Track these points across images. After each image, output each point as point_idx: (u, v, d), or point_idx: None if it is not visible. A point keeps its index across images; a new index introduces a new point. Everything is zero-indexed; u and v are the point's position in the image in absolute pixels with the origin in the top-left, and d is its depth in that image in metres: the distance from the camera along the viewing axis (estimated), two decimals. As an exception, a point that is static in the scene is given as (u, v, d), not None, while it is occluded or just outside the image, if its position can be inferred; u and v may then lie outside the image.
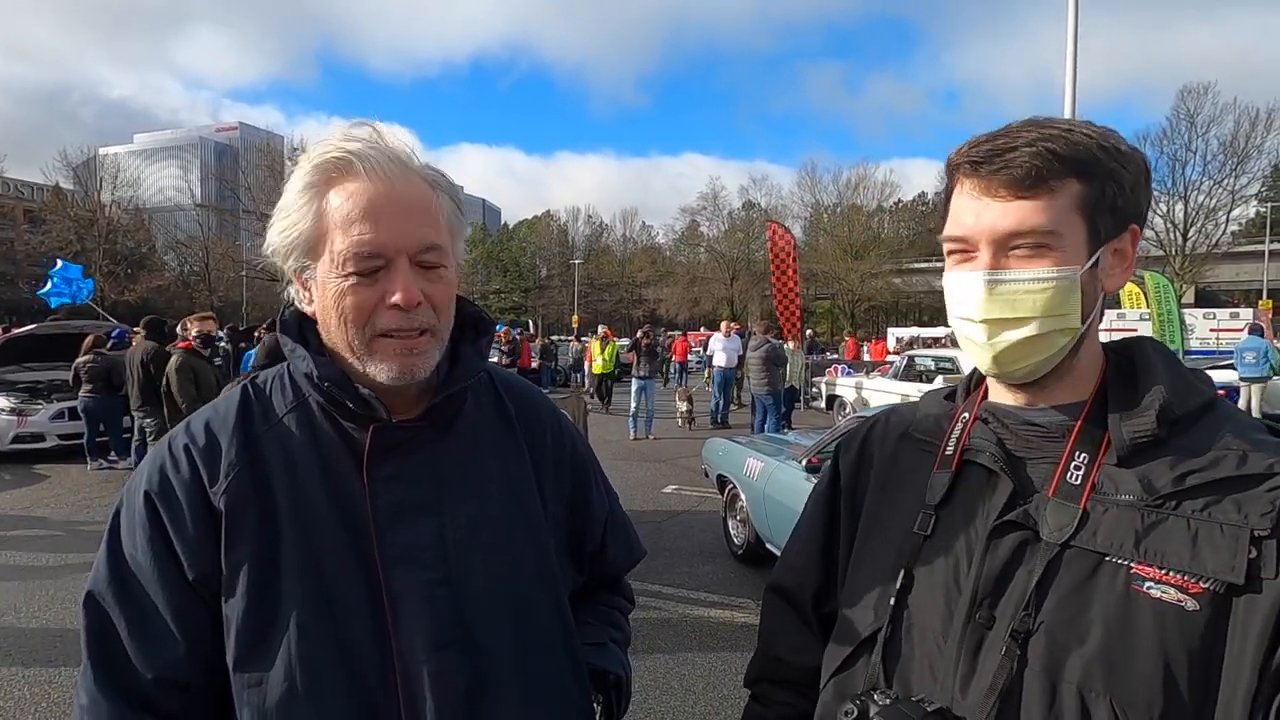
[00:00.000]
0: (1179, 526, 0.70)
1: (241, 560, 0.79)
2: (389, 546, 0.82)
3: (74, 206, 40.59)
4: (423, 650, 0.80)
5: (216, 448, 0.83)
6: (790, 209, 51.90)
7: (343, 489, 0.83)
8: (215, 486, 0.81)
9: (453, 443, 0.89)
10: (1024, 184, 0.73)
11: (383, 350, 0.81)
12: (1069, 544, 0.73)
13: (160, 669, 0.79)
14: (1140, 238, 0.78)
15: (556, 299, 58.41)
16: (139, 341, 7.94)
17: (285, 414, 0.86)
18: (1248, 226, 43.90)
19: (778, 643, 1.00)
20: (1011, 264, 0.75)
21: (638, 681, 3.61)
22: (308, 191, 0.80)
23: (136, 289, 39.18)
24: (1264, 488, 0.68)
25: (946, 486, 0.83)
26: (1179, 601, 0.67)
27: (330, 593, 0.80)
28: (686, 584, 4.91)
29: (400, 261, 0.79)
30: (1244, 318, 21.88)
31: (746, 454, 5.34)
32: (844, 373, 14.41)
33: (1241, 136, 36.73)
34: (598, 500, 1.06)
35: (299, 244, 0.82)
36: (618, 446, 10.60)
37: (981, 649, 0.75)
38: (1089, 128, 0.75)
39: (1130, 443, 0.74)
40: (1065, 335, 0.76)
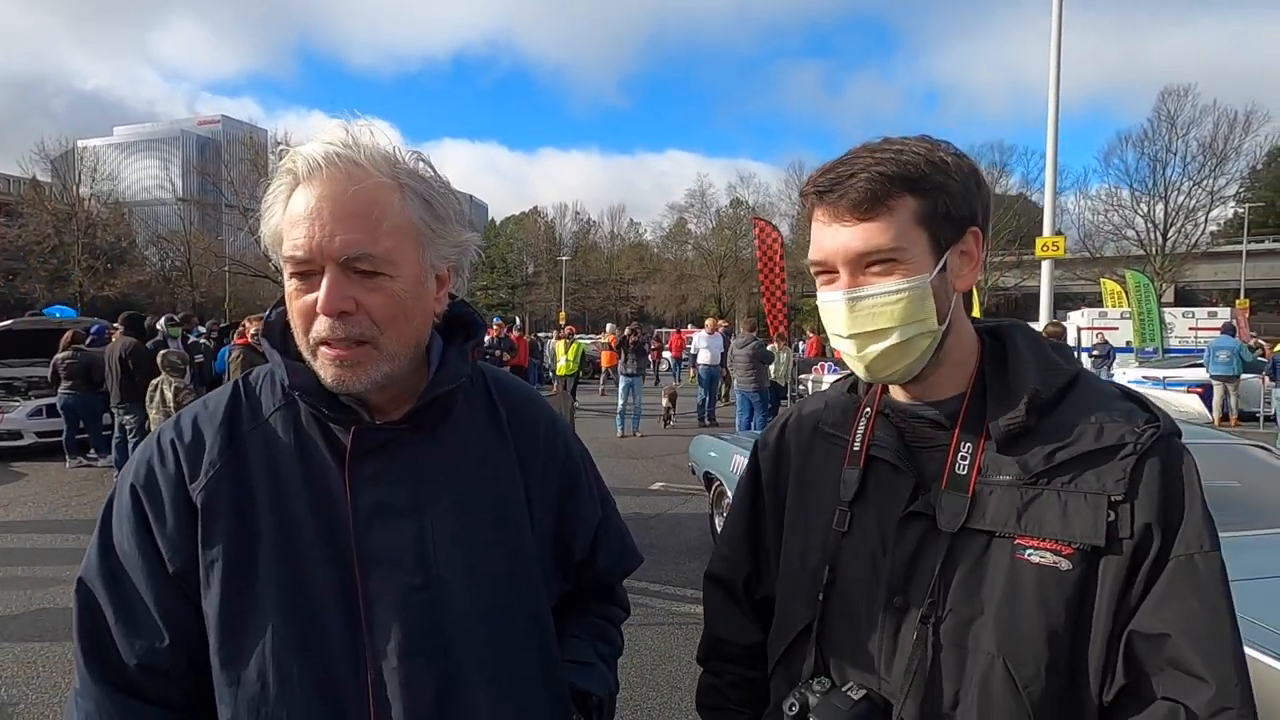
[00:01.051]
0: (1051, 499, 0.79)
1: (217, 557, 0.79)
2: (367, 548, 0.81)
3: (52, 200, 39.88)
4: (395, 655, 0.80)
5: (201, 444, 0.84)
6: (778, 207, 52.02)
7: (324, 489, 0.82)
8: (195, 483, 0.81)
9: (437, 446, 0.88)
10: (863, 208, 0.80)
11: (321, 358, 0.79)
12: (963, 528, 0.82)
13: (143, 656, 0.80)
14: (983, 238, 0.85)
15: (544, 296, 58.23)
16: (118, 337, 7.82)
17: (273, 413, 0.86)
18: (1226, 227, 44.64)
19: (718, 626, 1.10)
20: (867, 281, 0.82)
21: (624, 677, 3.62)
22: (278, 193, 0.80)
23: (116, 284, 38.56)
24: (1118, 457, 0.79)
25: (857, 483, 0.91)
26: (1055, 564, 0.78)
27: (306, 593, 0.80)
28: (673, 581, 4.93)
29: (330, 267, 0.77)
30: (1222, 316, 22.23)
31: (734, 451, 5.36)
32: (830, 370, 14.50)
33: (1220, 138, 37.27)
34: (588, 508, 1.04)
35: (273, 243, 0.82)
36: (605, 444, 10.59)
37: (900, 630, 0.84)
38: (918, 144, 0.82)
39: (1005, 432, 0.82)
40: (927, 338, 0.83)
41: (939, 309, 0.82)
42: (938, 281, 0.82)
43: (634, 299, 57.33)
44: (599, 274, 58.64)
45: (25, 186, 40.89)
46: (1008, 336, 0.91)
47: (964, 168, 0.83)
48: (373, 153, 0.79)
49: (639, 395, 11.71)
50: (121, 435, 7.69)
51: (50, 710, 3.25)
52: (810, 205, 0.85)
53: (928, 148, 0.82)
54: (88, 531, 0.86)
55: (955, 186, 0.81)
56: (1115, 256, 37.94)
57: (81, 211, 39.66)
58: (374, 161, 0.79)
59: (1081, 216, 40.85)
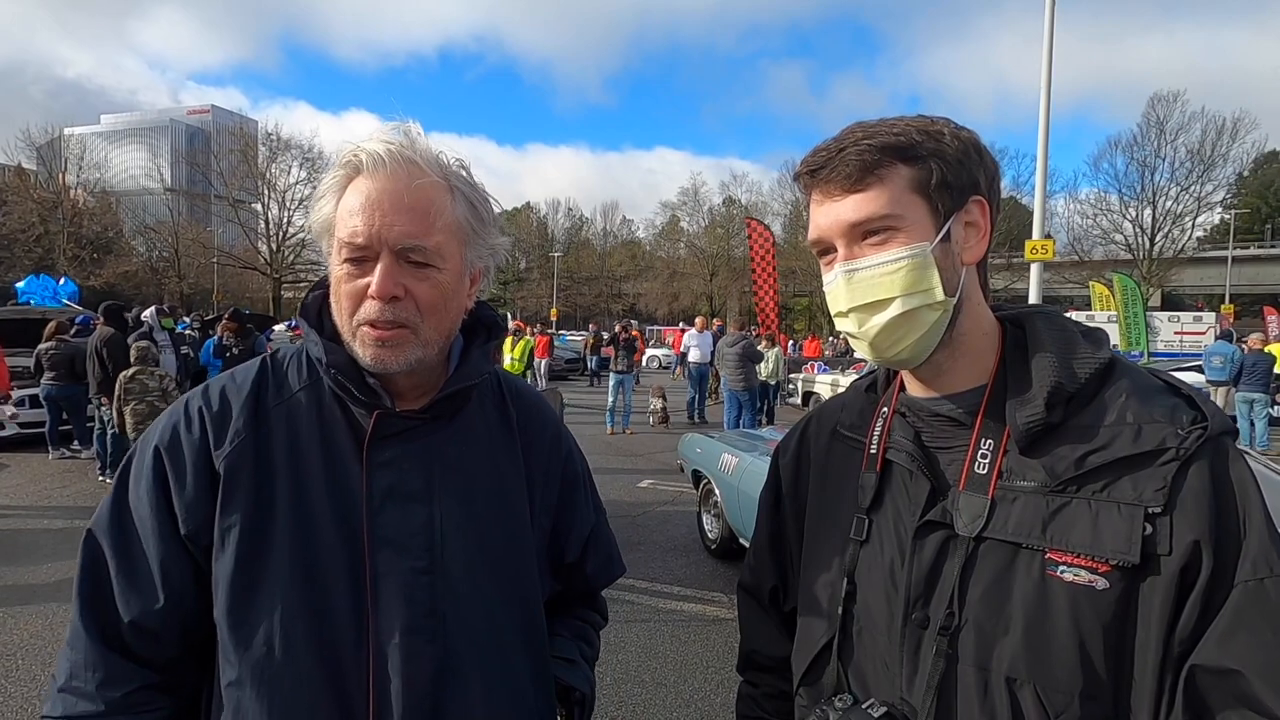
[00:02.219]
0: (1082, 509, 0.71)
1: (234, 523, 0.83)
2: (378, 529, 0.85)
3: (37, 188, 39.40)
4: (397, 632, 0.83)
5: (228, 413, 0.87)
6: (770, 206, 52.12)
7: (341, 469, 0.86)
8: (219, 450, 0.85)
9: (451, 438, 0.92)
10: (854, 179, 0.77)
11: (362, 338, 0.84)
12: (984, 536, 0.76)
13: (138, 614, 0.83)
14: (989, 209, 0.80)
15: (535, 292, 58.03)
16: (99, 328, 7.74)
17: (297, 391, 0.90)
18: (1213, 232, 45.11)
19: (751, 638, 1.06)
20: (864, 252, 0.78)
21: (609, 674, 3.65)
22: (333, 185, 0.86)
23: (103, 274, 38.15)
24: (1158, 463, 0.70)
25: (875, 488, 0.85)
26: (1090, 582, 0.70)
27: (316, 565, 0.83)
28: (661, 578, 4.93)
29: (384, 255, 0.82)
30: (1207, 321, 22.51)
31: (722, 449, 5.36)
32: (820, 370, 14.55)
33: (1208, 145, 37.63)
34: (583, 514, 1.09)
35: (322, 231, 0.87)
36: (594, 441, 10.58)
37: (921, 648, 0.78)
38: (912, 118, 0.79)
39: (1025, 432, 0.75)
40: (934, 310, 0.77)
41: (945, 281, 0.77)
42: (940, 251, 0.77)
43: (626, 296, 57.29)
44: (591, 271, 58.57)
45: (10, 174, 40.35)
46: (1028, 322, 0.83)
47: (961, 136, 0.79)
48: (428, 154, 0.86)
49: (629, 393, 11.71)
50: (102, 427, 7.60)
51: (26, 705, 3.22)
52: (805, 187, 0.82)
53: (920, 119, 0.79)
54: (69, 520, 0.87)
55: (951, 154, 0.77)
56: (1104, 260, 38.25)
57: (67, 200, 39.23)
58: (429, 163, 0.86)
59: (1070, 220, 41.18)
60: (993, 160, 0.81)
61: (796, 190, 3.83)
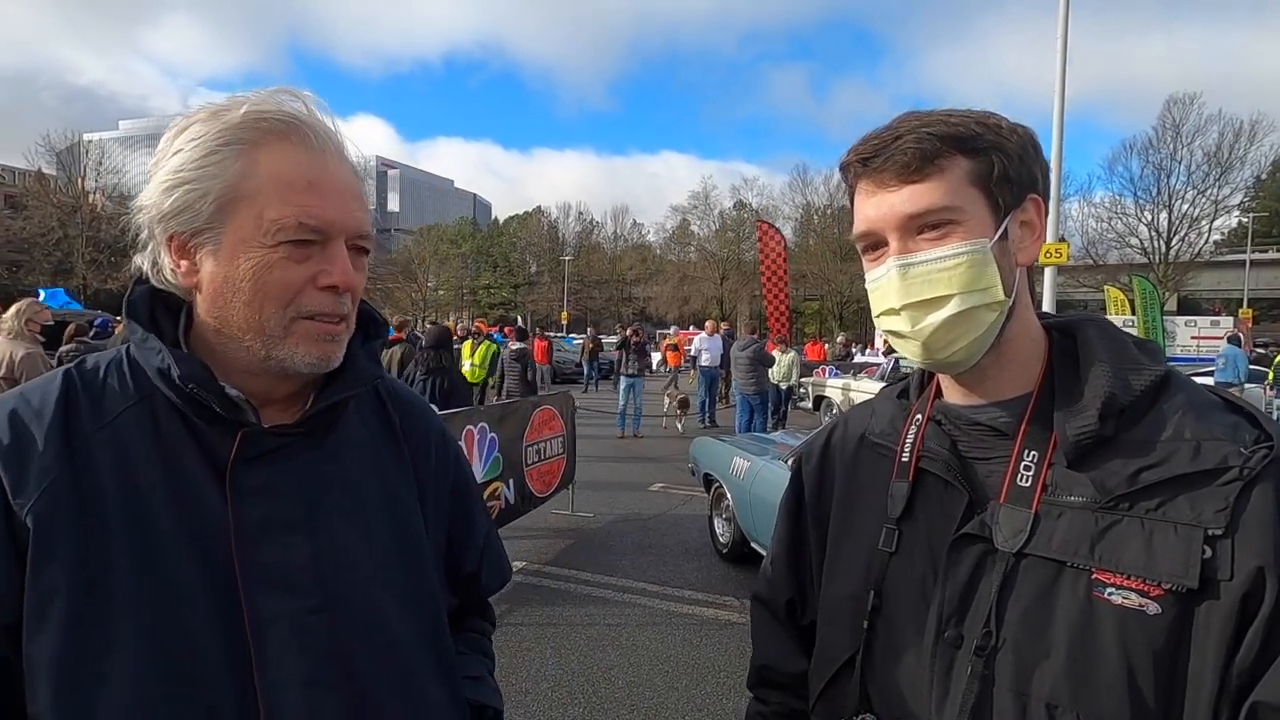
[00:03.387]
0: (1134, 528, 0.67)
1: (55, 587, 0.65)
2: (253, 568, 0.72)
3: (57, 193, 39.97)
4: (293, 686, 0.71)
5: (27, 447, 0.69)
6: (781, 210, 52.11)
7: (196, 501, 0.71)
8: (21, 497, 0.67)
9: (330, 454, 0.80)
10: (911, 169, 0.72)
11: (302, 333, 0.73)
12: (1025, 552, 0.72)
13: None
14: (1045, 209, 0.77)
15: (546, 295, 58.18)
16: (121, 330, 7.83)
17: (123, 411, 0.73)
18: (1230, 236, 44.56)
19: (764, 652, 1.02)
20: (921, 247, 0.74)
21: (622, 678, 3.65)
22: (230, 148, 0.71)
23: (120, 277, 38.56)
24: (1219, 482, 0.66)
25: (906, 497, 0.81)
26: (1141, 606, 0.66)
27: (178, 623, 0.68)
28: (672, 581, 4.92)
29: (339, 242, 0.74)
30: (1224, 326, 22.23)
31: (733, 453, 5.35)
32: (831, 374, 14.49)
33: (1225, 147, 37.21)
34: (479, 521, 1.00)
35: (203, 204, 0.71)
36: (605, 444, 10.59)
37: (953, 668, 0.74)
38: (967, 111, 0.76)
39: (1075, 444, 0.71)
40: (992, 311, 0.73)
41: (1003, 280, 0.73)
42: (999, 249, 0.73)
43: (636, 300, 57.33)
44: (601, 274, 58.63)
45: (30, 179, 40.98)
46: (1079, 331, 0.79)
47: (1019, 132, 0.75)
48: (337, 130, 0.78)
49: (639, 396, 11.71)
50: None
51: None
52: (853, 177, 0.77)
53: (979, 113, 0.75)
54: None
55: (1012, 147, 0.73)
56: (1119, 264, 37.86)
57: (86, 205, 39.72)
58: (344, 141, 0.78)
59: (1085, 223, 40.84)
60: (1045, 161, 0.78)
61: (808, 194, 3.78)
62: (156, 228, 0.73)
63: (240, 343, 0.74)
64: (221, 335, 0.74)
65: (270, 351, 0.73)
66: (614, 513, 6.67)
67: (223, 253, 0.72)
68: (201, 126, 0.73)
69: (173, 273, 0.75)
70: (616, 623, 4.22)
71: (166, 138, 0.75)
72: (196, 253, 0.73)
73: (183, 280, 0.75)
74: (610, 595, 4.63)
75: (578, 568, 5.11)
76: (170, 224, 0.73)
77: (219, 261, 0.72)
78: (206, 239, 0.72)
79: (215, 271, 0.73)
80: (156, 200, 0.72)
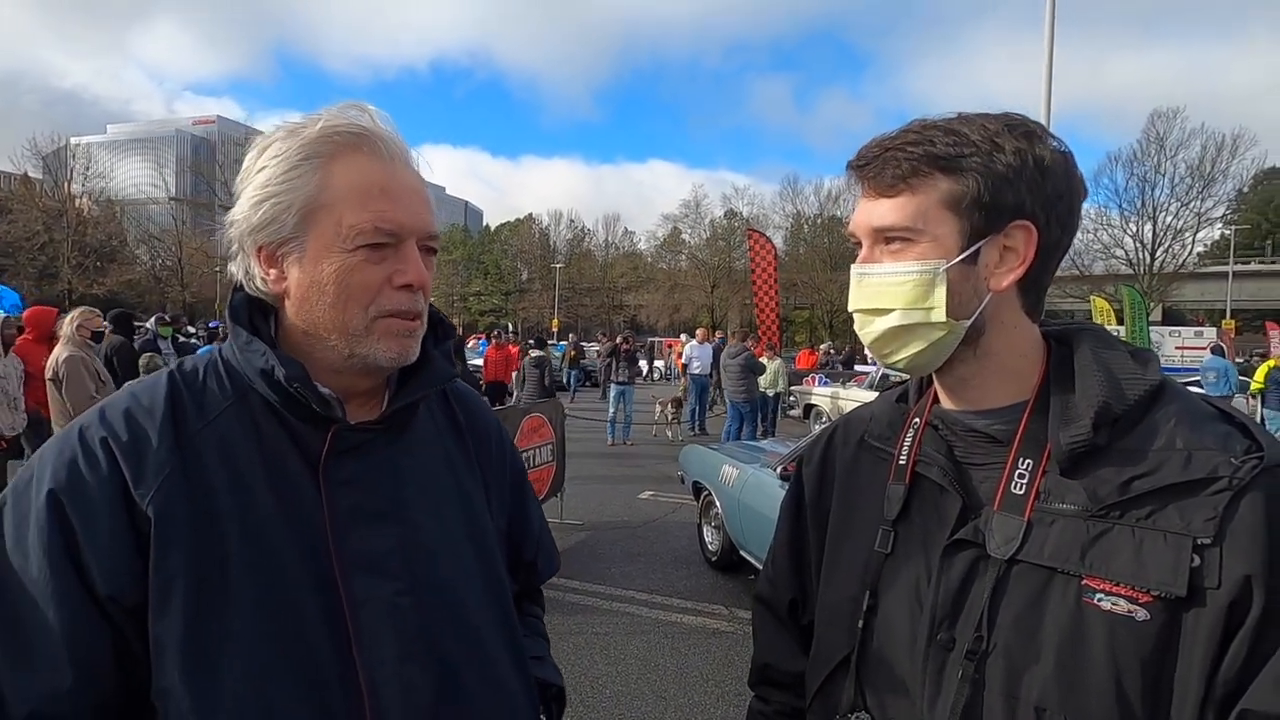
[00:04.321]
0: (1124, 536, 0.69)
1: (176, 573, 0.71)
2: (347, 554, 0.77)
3: (42, 196, 39.62)
4: (389, 661, 0.77)
5: (144, 443, 0.74)
6: (771, 219, 52.34)
7: (294, 494, 0.77)
8: (142, 488, 0.72)
9: (407, 449, 0.86)
10: (886, 184, 0.75)
11: (383, 331, 0.79)
12: (1017, 559, 0.73)
13: (37, 701, 0.68)
14: (1037, 236, 0.74)
15: (537, 303, 58.06)
16: (107, 336, 7.76)
17: (223, 410, 0.78)
18: (1213, 248, 45.17)
19: (765, 651, 1.03)
20: (880, 258, 0.78)
21: (610, 687, 3.63)
22: (309, 162, 0.77)
23: (106, 282, 38.28)
24: (1208, 492, 0.67)
25: (902, 500, 0.83)
26: (1130, 613, 0.67)
27: (285, 604, 0.74)
28: (661, 590, 4.91)
29: (411, 243, 0.79)
30: (1208, 336, 22.52)
31: (722, 461, 5.36)
32: (821, 382, 14.55)
33: (1208, 161, 37.76)
34: (534, 512, 1.08)
35: (288, 216, 0.76)
36: (595, 452, 10.57)
37: (945, 670, 0.75)
38: (979, 122, 0.74)
39: (1069, 452, 0.72)
40: (938, 330, 0.75)
41: (954, 302, 0.74)
42: (959, 272, 0.74)
43: (627, 307, 57.38)
44: (592, 282, 58.67)
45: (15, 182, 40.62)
46: (1075, 340, 0.80)
47: (1026, 153, 0.72)
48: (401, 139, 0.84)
49: (630, 404, 11.70)
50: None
51: None
52: (854, 179, 0.80)
53: (987, 127, 0.73)
54: None
55: (1001, 170, 0.72)
56: (1104, 275, 38.29)
57: (72, 209, 39.42)
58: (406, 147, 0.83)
59: (1071, 234, 41.19)
60: (1068, 183, 0.74)
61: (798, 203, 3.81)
62: (247, 240, 0.79)
63: (326, 342, 0.79)
64: (309, 337, 0.80)
65: (354, 349, 0.79)
66: (603, 520, 6.65)
67: (307, 260, 0.78)
68: (281, 144, 0.78)
69: (263, 280, 0.80)
70: (605, 631, 4.20)
71: (251, 155, 0.81)
72: (284, 261, 0.79)
73: (272, 287, 0.80)
74: (598, 604, 4.62)
75: (566, 576, 5.08)
76: (259, 236, 0.78)
77: (304, 268, 0.78)
78: (292, 248, 0.78)
79: (301, 278, 0.78)
80: (246, 214, 0.78)
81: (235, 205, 0.80)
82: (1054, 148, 0.74)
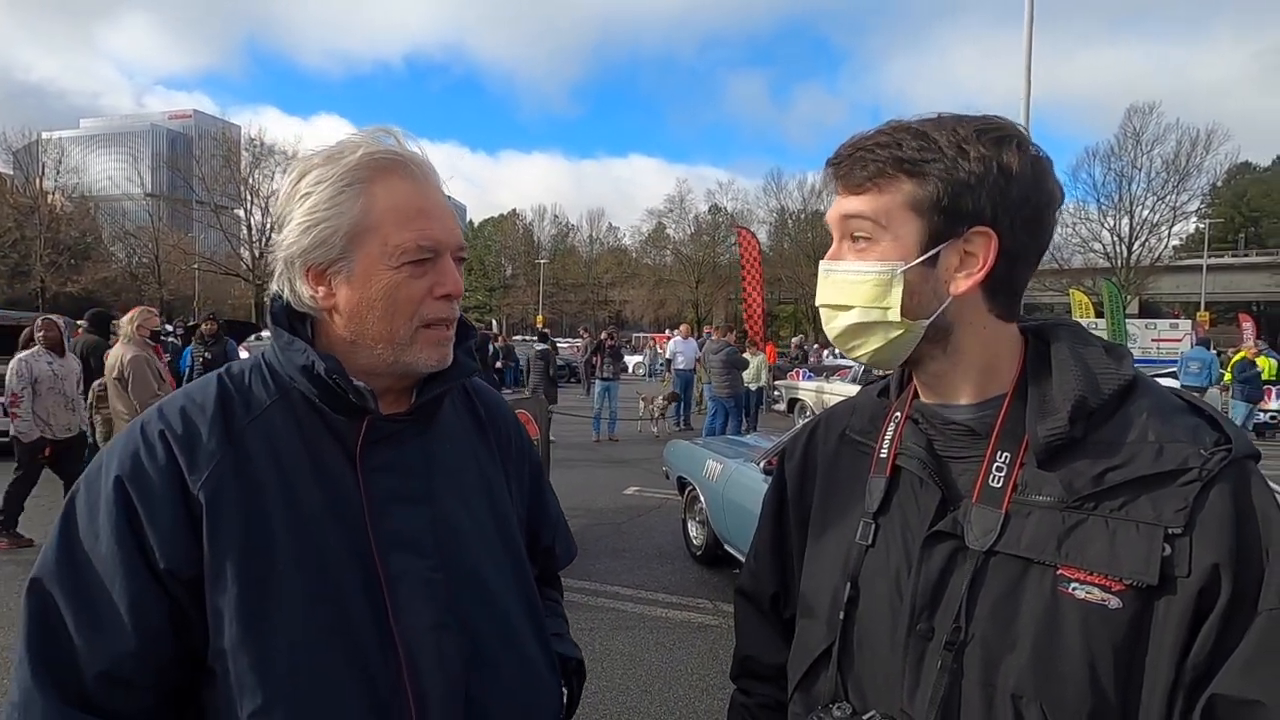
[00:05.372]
0: (1098, 526, 0.70)
1: (228, 550, 0.79)
2: (383, 533, 0.85)
3: (14, 193, 38.78)
4: (424, 629, 0.84)
5: (196, 436, 0.82)
6: (755, 214, 52.51)
7: (333, 479, 0.85)
8: (194, 475, 0.80)
9: (435, 439, 0.93)
10: (853, 183, 0.78)
11: (425, 339, 0.86)
12: (994, 550, 0.74)
13: (106, 663, 0.76)
14: (996, 243, 0.74)
15: (521, 299, 57.92)
16: (81, 335, 7.62)
17: (268, 406, 0.87)
18: (1188, 241, 46.01)
19: (748, 643, 1.04)
20: (844, 255, 0.80)
21: (594, 681, 3.64)
22: (353, 188, 0.83)
23: (81, 280, 37.58)
24: (1179, 483, 0.68)
25: (883, 493, 0.84)
26: (1103, 601, 0.68)
27: (329, 581, 0.82)
28: (645, 585, 4.92)
29: (448, 256, 0.86)
30: (1183, 328, 22.92)
31: (707, 456, 5.38)
32: (805, 376, 14.63)
33: (1183, 155, 38.43)
34: (551, 500, 1.15)
35: (336, 238, 0.83)
36: (580, 448, 10.57)
37: (924, 660, 0.76)
38: (954, 125, 0.75)
39: (1045, 445, 0.73)
40: (895, 328, 0.77)
41: (910, 303, 0.76)
42: (917, 274, 0.75)
43: (612, 303, 57.32)
44: (577, 277, 58.53)
45: (-14, 178, 39.70)
46: (1051, 335, 0.81)
47: (992, 160, 0.73)
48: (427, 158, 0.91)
49: (615, 399, 11.71)
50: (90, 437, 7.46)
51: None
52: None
53: (957, 132, 0.74)
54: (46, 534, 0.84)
55: (963, 176, 0.73)
56: (1082, 268, 38.83)
57: (44, 205, 38.62)
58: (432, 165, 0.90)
59: (1050, 228, 41.73)
60: (1035, 191, 0.75)
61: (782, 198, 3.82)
62: (296, 261, 0.85)
63: (373, 351, 0.86)
64: (355, 345, 0.87)
65: (399, 357, 0.86)
66: (588, 516, 6.65)
67: (356, 278, 0.84)
68: (322, 170, 0.84)
69: (311, 298, 0.86)
70: (589, 627, 4.20)
71: (289, 180, 0.87)
72: (332, 280, 0.85)
73: (321, 304, 0.86)
74: (583, 599, 4.61)
75: (552, 572, 5.10)
76: (308, 258, 0.84)
77: (353, 285, 0.85)
78: (340, 267, 0.84)
79: (350, 294, 0.85)
80: (297, 239, 0.84)
81: (282, 230, 0.87)
82: (1025, 155, 0.74)
